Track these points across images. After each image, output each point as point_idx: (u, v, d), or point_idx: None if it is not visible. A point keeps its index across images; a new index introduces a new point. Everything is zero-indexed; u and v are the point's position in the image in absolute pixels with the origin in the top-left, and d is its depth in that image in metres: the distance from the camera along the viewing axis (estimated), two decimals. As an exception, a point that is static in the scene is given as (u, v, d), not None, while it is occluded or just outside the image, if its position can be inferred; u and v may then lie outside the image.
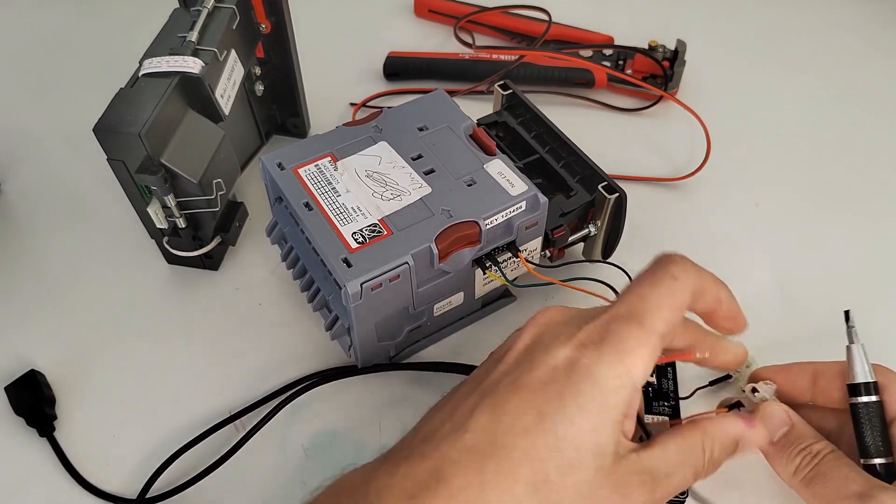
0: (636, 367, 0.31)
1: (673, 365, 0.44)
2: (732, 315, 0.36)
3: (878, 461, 0.34)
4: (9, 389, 0.46)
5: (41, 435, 0.44)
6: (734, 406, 0.39)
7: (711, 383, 0.44)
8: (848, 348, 0.36)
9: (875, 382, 0.35)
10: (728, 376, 0.45)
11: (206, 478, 0.42)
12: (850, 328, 0.36)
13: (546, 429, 0.30)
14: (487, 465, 0.29)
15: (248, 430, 0.43)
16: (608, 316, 0.32)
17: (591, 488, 0.29)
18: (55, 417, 0.45)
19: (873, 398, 0.35)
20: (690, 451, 0.32)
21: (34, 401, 0.45)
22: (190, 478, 0.41)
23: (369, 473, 0.31)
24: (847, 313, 0.37)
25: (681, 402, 0.43)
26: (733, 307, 0.36)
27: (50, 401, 0.45)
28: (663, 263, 0.34)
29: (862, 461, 0.35)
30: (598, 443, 0.30)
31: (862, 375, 0.35)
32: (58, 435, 0.44)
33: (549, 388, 0.30)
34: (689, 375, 0.44)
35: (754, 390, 0.38)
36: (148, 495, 0.41)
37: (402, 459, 0.31)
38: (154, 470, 0.42)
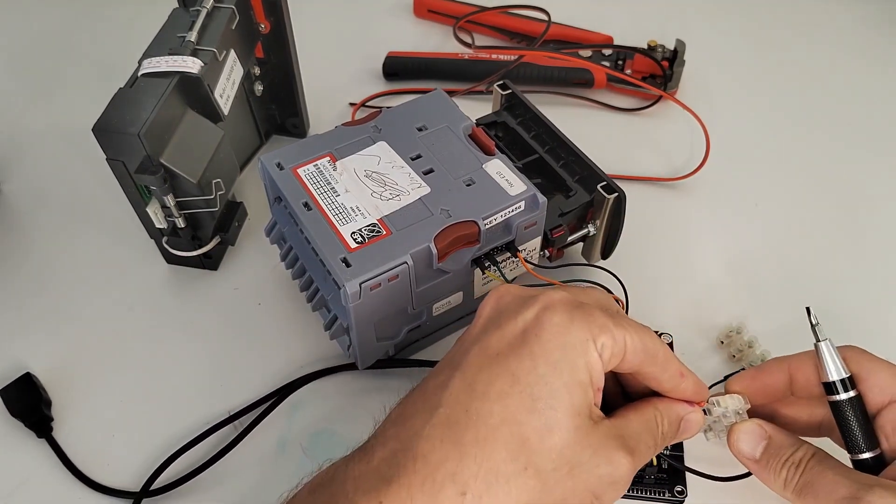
0: (599, 339, 0.31)
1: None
2: (696, 388, 0.35)
3: (866, 456, 0.34)
4: (3, 392, 0.46)
5: (39, 436, 0.44)
6: None
7: (726, 377, 0.44)
8: (816, 346, 0.35)
9: (850, 377, 0.34)
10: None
11: (204, 474, 0.42)
12: (814, 325, 0.35)
13: (521, 391, 0.29)
14: (465, 436, 0.29)
15: (245, 426, 0.43)
16: (584, 300, 0.33)
17: (574, 451, 0.29)
18: (52, 419, 0.45)
19: (851, 394, 0.34)
20: (647, 423, 0.33)
21: (30, 403, 0.45)
22: (186, 473, 0.42)
23: (345, 465, 0.31)
24: (808, 310, 0.36)
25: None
26: (696, 379, 0.35)
27: (46, 403, 0.45)
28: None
29: (850, 456, 0.35)
30: (572, 402, 0.30)
31: (836, 373, 0.34)
32: (56, 436, 0.44)
33: (519, 349, 0.30)
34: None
35: (718, 403, 0.36)
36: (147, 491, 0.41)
37: (377, 445, 0.31)
38: (156, 467, 0.42)
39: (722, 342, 0.47)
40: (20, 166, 0.61)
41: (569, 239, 0.47)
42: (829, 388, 0.35)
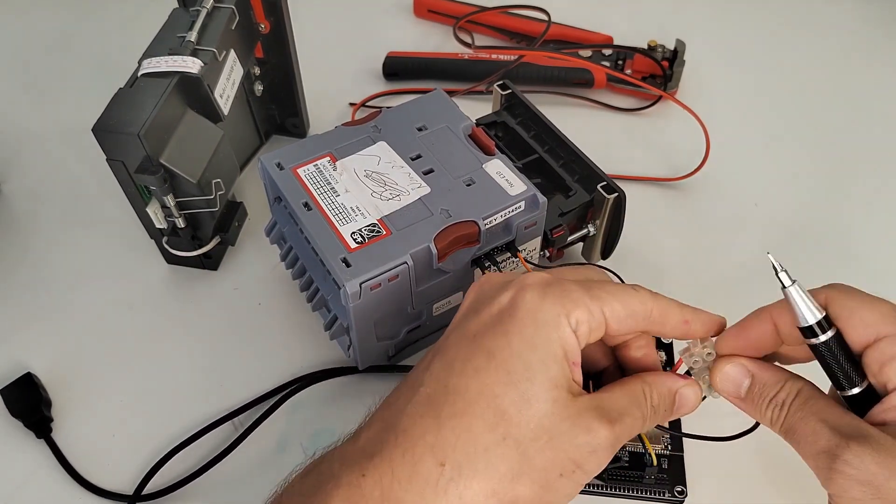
0: (573, 314, 0.31)
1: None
2: (708, 326, 0.35)
3: (854, 391, 0.32)
4: (4, 392, 0.46)
5: (38, 436, 0.44)
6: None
7: None
8: (784, 292, 0.33)
9: (825, 317, 0.32)
10: None
11: (205, 476, 0.42)
12: (778, 272, 0.33)
13: (496, 366, 0.30)
14: (443, 410, 0.30)
15: (245, 427, 0.43)
16: (568, 276, 0.34)
17: (552, 422, 0.30)
18: (52, 419, 0.45)
19: (829, 334, 0.32)
20: (634, 397, 0.33)
21: (30, 403, 0.45)
22: (187, 475, 0.42)
23: (334, 449, 0.32)
24: (769, 254, 0.34)
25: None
26: (704, 318, 0.35)
27: (46, 403, 0.45)
28: (627, 284, 0.35)
29: (839, 393, 0.33)
30: (548, 375, 0.30)
31: (811, 316, 0.32)
32: (55, 436, 0.44)
33: (494, 329, 0.31)
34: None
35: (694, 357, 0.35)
36: (145, 492, 0.41)
37: (364, 429, 0.32)
38: (150, 467, 0.42)
39: None
40: (20, 166, 0.61)
41: (569, 239, 0.47)
42: (808, 332, 0.33)
